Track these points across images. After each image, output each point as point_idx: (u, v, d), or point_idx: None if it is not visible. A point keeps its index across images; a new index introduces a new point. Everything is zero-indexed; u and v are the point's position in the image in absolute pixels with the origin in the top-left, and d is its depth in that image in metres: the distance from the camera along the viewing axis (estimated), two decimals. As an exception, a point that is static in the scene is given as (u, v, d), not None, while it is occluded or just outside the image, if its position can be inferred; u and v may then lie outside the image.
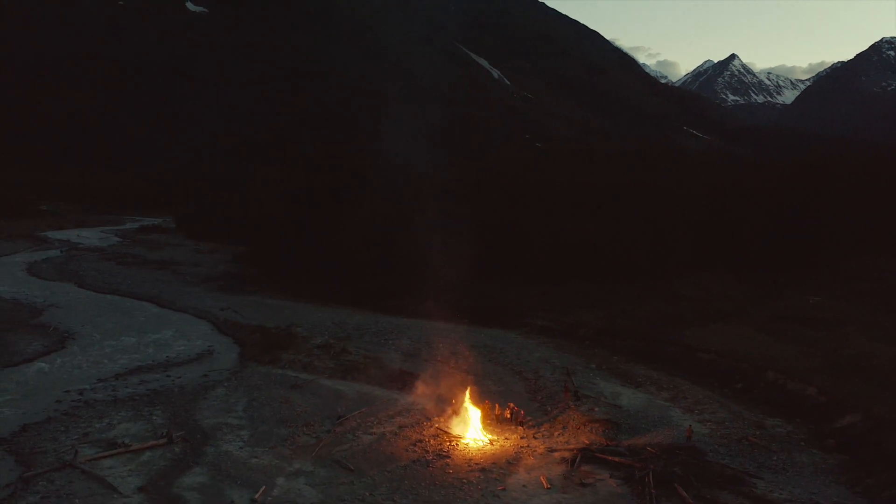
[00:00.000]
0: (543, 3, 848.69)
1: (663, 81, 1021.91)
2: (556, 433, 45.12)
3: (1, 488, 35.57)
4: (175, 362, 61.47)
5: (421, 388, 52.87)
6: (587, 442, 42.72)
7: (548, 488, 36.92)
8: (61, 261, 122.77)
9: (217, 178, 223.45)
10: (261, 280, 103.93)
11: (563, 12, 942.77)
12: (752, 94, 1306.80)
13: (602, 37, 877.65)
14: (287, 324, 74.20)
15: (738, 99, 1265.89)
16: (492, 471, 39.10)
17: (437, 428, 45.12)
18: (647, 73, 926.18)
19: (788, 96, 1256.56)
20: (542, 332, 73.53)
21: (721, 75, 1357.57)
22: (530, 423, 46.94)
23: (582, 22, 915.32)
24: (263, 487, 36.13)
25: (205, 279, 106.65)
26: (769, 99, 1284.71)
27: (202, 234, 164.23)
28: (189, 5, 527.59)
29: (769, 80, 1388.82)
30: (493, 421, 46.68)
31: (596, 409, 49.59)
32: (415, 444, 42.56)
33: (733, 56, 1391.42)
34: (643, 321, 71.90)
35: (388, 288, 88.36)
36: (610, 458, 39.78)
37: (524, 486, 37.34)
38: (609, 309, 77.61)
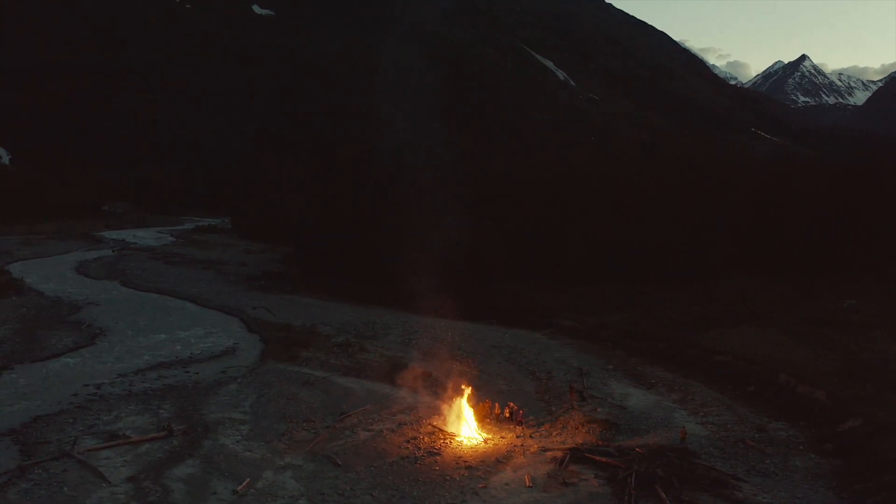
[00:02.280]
0: (611, 5, 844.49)
1: (732, 83, 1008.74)
2: (554, 433, 45.17)
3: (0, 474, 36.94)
4: (197, 359, 62.78)
5: (430, 386, 53.36)
6: (581, 442, 42.76)
7: (529, 486, 37.02)
8: (111, 260, 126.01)
9: (276, 179, 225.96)
10: (300, 280, 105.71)
11: (631, 13, 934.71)
12: (823, 96, 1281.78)
13: (670, 38, 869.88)
14: (313, 322, 75.49)
15: (809, 100, 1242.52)
16: (478, 468, 39.33)
17: (433, 426, 45.48)
18: (715, 74, 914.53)
19: (860, 97, 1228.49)
20: (567, 333, 73.54)
21: (791, 76, 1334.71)
22: (531, 423, 47.04)
23: (650, 23, 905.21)
24: (248, 479, 36.89)
25: (246, 279, 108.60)
26: (840, 100, 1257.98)
27: (255, 235, 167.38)
28: (256, 8, 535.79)
29: (840, 81, 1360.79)
30: (492, 420, 46.94)
31: (599, 409, 49.52)
32: (408, 441, 42.96)
33: (804, 57, 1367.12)
34: (668, 323, 71.44)
35: (422, 288, 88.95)
36: (598, 458, 39.68)
37: (507, 484, 37.51)
38: (636, 310, 77.36)
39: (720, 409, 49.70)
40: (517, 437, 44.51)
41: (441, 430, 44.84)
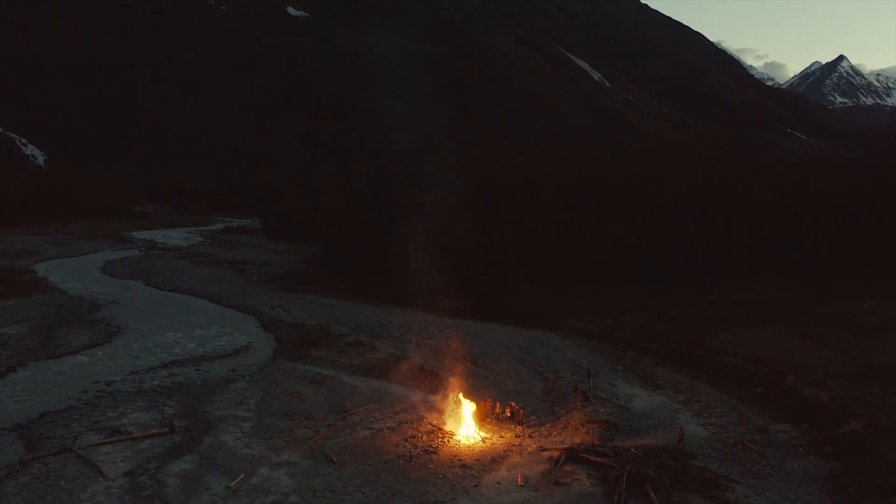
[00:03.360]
0: (646, 5, 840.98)
1: (769, 83, 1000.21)
2: (554, 433, 45.20)
3: (1, 468, 37.63)
4: (210, 357, 63.45)
5: (435, 385, 53.49)
6: (579, 442, 42.77)
7: (521, 485, 37.12)
8: (137, 260, 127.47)
9: (305, 179, 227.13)
10: (321, 280, 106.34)
11: (667, 14, 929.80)
12: (861, 97, 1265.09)
13: (706, 38, 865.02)
14: (327, 322, 76.00)
15: (847, 101, 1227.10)
16: (472, 467, 39.50)
17: (432, 424, 45.71)
18: (751, 74, 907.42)
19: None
20: (581, 334, 73.43)
21: (829, 77, 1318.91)
22: (532, 423, 47.12)
23: (686, 24, 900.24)
24: (242, 475, 37.36)
25: (269, 278, 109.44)
26: (878, 101, 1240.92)
27: (282, 235, 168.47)
28: (290, 10, 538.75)
29: (878, 81, 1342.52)
30: (493, 419, 47.07)
31: (601, 409, 49.43)
32: (406, 440, 43.21)
33: (842, 57, 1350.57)
34: (682, 324, 71.13)
35: (439, 289, 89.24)
36: (592, 458, 39.71)
37: (498, 482, 37.63)
38: (651, 311, 77.04)
39: (724, 411, 49.49)
40: (516, 436, 44.61)
41: (440, 428, 45.07)
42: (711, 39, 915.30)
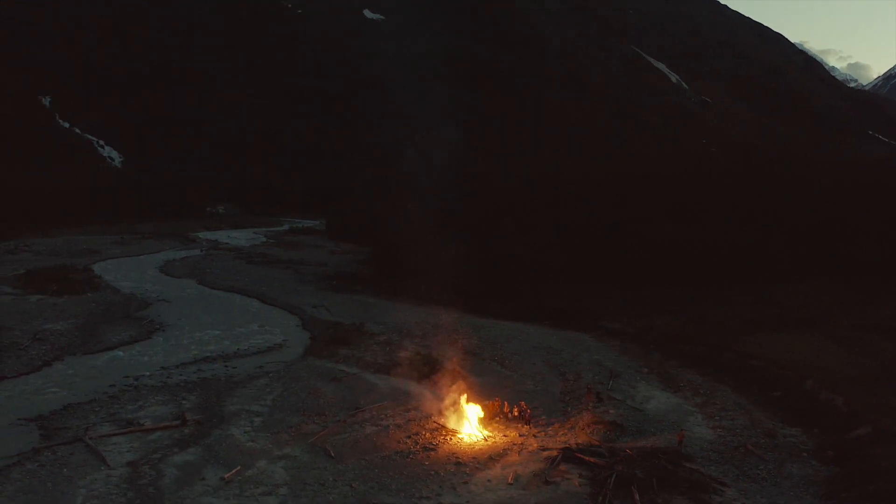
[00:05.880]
0: (726, 6, 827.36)
1: (852, 85, 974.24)
2: (560, 433, 45.29)
3: (13, 456, 39.34)
4: (242, 354, 64.77)
5: (455, 385, 53.81)
6: (582, 442, 42.89)
7: (510, 483, 37.44)
8: (196, 259, 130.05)
9: (369, 181, 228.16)
10: (371, 280, 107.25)
11: (747, 15, 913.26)
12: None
13: (787, 39, 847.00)
14: (363, 321, 76.83)
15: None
16: (468, 465, 39.91)
17: (437, 422, 46.21)
18: (833, 76, 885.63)
19: None
20: (614, 335, 73.09)
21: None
22: (541, 422, 47.32)
23: (766, 25, 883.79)
24: (238, 467, 38.42)
25: (320, 278, 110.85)
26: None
27: (345, 236, 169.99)
28: (367, 13, 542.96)
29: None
30: (501, 418, 47.43)
31: (611, 411, 49.35)
32: (409, 437, 43.76)
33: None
34: (715, 327, 70.38)
35: (482, 290, 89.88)
36: (588, 458, 39.81)
37: (489, 480, 37.97)
38: (688, 314, 76.32)
39: (737, 414, 48.99)
40: (520, 435, 44.87)
41: (444, 426, 45.55)
42: (793, 40, 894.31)
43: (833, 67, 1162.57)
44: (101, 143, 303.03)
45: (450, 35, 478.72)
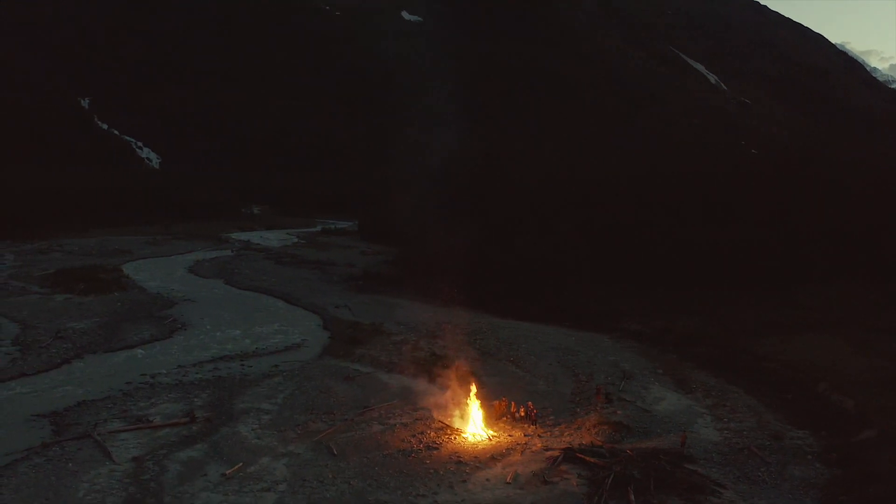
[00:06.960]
0: (766, 7, 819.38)
1: (894, 86, 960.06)
2: (566, 433, 45.29)
3: (22, 450, 40.16)
4: (259, 353, 65.29)
5: (466, 385, 53.94)
6: (585, 442, 42.87)
7: (508, 483, 37.53)
8: (226, 260, 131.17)
9: (402, 182, 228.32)
10: (396, 281, 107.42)
11: (787, 16, 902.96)
12: None
13: (827, 40, 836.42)
14: (382, 321, 77.27)
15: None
16: (468, 464, 40.02)
17: (442, 421, 46.39)
18: (874, 77, 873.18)
19: None
20: (632, 337, 72.89)
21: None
22: (548, 423, 47.35)
23: (806, 25, 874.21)
24: (240, 464, 38.90)
25: (347, 279, 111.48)
26: None
27: (376, 238, 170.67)
28: (405, 14, 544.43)
29: None
30: (508, 418, 47.51)
31: (619, 412, 49.18)
32: (414, 436, 43.94)
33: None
34: (734, 328, 70.05)
35: (504, 291, 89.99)
36: (588, 458, 39.80)
37: (487, 479, 38.06)
38: (708, 315, 75.95)
39: (746, 416, 48.64)
40: (525, 435, 44.89)
41: (449, 425, 45.74)
42: (834, 41, 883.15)
43: (875, 68, 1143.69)
44: (140, 144, 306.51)
45: (487, 37, 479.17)
